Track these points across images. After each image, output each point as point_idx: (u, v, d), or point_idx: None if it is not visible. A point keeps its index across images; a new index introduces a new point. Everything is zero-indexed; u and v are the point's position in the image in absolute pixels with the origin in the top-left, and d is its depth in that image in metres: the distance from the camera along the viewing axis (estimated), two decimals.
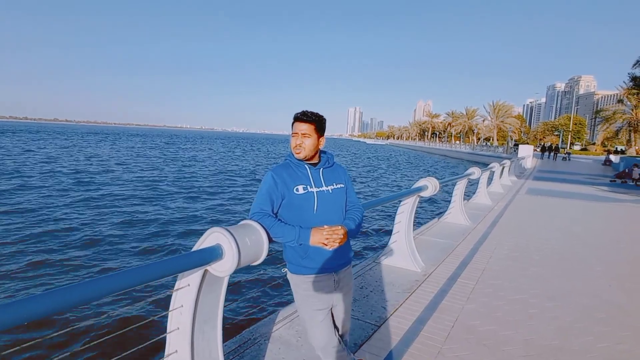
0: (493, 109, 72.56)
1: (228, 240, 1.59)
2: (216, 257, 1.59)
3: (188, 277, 1.69)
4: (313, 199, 1.89)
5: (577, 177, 19.02)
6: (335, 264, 1.95)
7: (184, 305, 1.72)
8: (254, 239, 1.69)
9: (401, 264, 4.47)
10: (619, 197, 12.33)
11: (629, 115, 44.29)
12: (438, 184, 4.58)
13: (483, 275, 4.38)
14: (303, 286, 1.92)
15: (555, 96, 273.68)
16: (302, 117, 1.92)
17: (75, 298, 1.24)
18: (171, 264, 1.49)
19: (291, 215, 1.89)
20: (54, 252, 7.60)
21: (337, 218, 1.95)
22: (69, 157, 30.39)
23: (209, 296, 1.77)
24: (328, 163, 2.03)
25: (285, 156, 2.01)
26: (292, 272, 1.94)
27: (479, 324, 3.20)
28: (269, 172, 1.91)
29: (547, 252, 5.50)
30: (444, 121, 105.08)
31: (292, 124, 1.94)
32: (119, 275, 1.39)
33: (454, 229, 6.67)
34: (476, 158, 45.95)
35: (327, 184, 1.97)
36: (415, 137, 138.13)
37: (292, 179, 1.89)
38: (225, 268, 1.61)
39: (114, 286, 1.37)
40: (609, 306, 3.69)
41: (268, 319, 2.97)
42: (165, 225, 10.33)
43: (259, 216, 1.85)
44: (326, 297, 1.94)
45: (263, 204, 1.87)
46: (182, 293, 1.73)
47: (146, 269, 1.43)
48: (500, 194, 11.43)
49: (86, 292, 1.29)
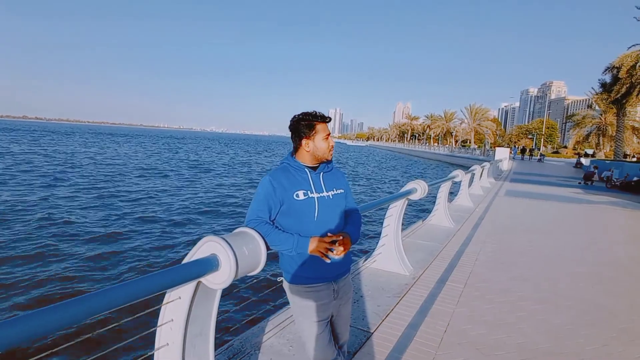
0: (470, 112, 74.21)
1: (225, 250, 1.48)
2: (211, 268, 1.48)
3: (179, 289, 1.56)
4: (314, 205, 1.79)
5: (551, 179, 19.61)
6: (334, 272, 1.86)
7: (174, 320, 1.60)
8: (251, 248, 1.58)
9: (390, 267, 4.43)
10: (592, 198, 12.75)
11: (598, 119, 46.10)
12: (427, 187, 4.57)
13: (470, 278, 4.38)
14: (301, 296, 1.82)
15: (529, 100, 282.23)
16: (327, 118, 1.85)
17: (52, 323, 1.10)
18: (162, 278, 1.35)
19: (290, 222, 1.79)
20: (28, 269, 6.95)
21: (337, 225, 1.87)
22: (40, 158, 29.04)
23: (202, 309, 1.66)
24: (327, 167, 1.92)
25: (283, 159, 1.90)
26: (289, 282, 1.84)
27: (470, 328, 3.17)
28: (266, 177, 1.79)
29: (530, 253, 5.58)
30: (423, 123, 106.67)
31: (312, 126, 1.81)
32: (103, 293, 1.26)
33: (439, 231, 6.69)
34: (455, 160, 46.77)
35: (328, 189, 1.87)
36: (395, 138, 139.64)
37: (291, 183, 1.78)
38: (221, 280, 1.50)
39: (97, 306, 1.23)
40: (595, 308, 3.75)
41: (258, 328, 2.85)
42: (151, 234, 9.71)
43: (255, 223, 1.75)
44: (325, 308, 1.85)
45: (260, 211, 1.76)
46: (172, 307, 1.60)
47: (133, 286, 1.29)
48: (480, 195, 11.62)
49: (66, 315, 1.15)
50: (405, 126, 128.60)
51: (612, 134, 42.05)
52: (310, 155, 1.84)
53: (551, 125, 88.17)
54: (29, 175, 18.56)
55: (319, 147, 1.82)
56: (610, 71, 29.90)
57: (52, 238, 8.89)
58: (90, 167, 23.99)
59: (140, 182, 19.15)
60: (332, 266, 1.83)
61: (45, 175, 18.79)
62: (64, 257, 7.72)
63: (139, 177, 20.82)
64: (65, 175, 19.29)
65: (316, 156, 1.84)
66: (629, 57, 25.85)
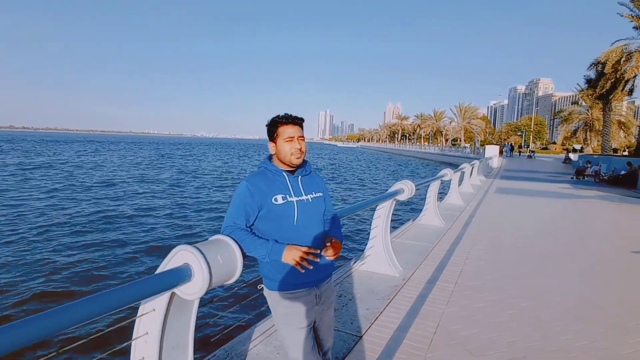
0: (460, 110, 74.81)
1: (197, 259, 1.42)
2: (184, 278, 1.42)
3: (152, 301, 1.51)
4: (293, 209, 1.74)
5: (541, 175, 19.80)
6: (316, 277, 1.82)
7: (149, 333, 1.54)
8: (226, 256, 1.53)
9: (380, 269, 4.39)
10: (580, 193, 12.88)
11: (584, 115, 46.75)
12: (414, 187, 4.54)
13: (461, 277, 4.36)
14: (282, 303, 1.77)
15: (517, 98, 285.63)
16: (295, 119, 1.78)
17: (15, 340, 1.03)
18: (131, 291, 1.29)
19: (269, 227, 1.74)
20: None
21: (317, 229, 1.82)
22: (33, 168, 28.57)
23: (178, 320, 1.60)
24: (306, 170, 1.88)
25: (260, 163, 1.86)
26: (270, 289, 1.79)
27: (460, 328, 3.15)
28: (243, 182, 1.75)
29: (520, 250, 5.59)
30: (413, 123, 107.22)
31: (275, 128, 1.77)
32: (69, 308, 1.19)
33: (429, 230, 6.68)
34: (446, 159, 47.09)
35: (307, 192, 1.82)
36: (385, 139, 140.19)
37: (269, 187, 1.73)
38: (194, 290, 1.44)
39: (64, 322, 1.17)
40: (584, 303, 3.75)
41: (243, 336, 2.79)
42: (126, 244, 9.23)
43: (230, 230, 1.70)
44: (308, 314, 1.80)
45: (236, 217, 1.71)
46: (146, 319, 1.54)
47: (100, 299, 1.23)
48: (470, 193, 11.66)
49: (31, 331, 1.08)
50: (396, 126, 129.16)
51: (599, 129, 42.69)
52: (276, 159, 1.81)
53: (539, 121, 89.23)
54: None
55: (281, 150, 1.77)
56: (595, 67, 30.34)
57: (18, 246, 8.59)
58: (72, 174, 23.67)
59: (141, 189, 18.94)
60: (313, 271, 1.79)
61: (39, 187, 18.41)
62: (31, 267, 7.35)
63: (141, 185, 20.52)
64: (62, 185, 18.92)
65: (281, 160, 1.79)
66: (613, 53, 26.23)
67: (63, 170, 27.32)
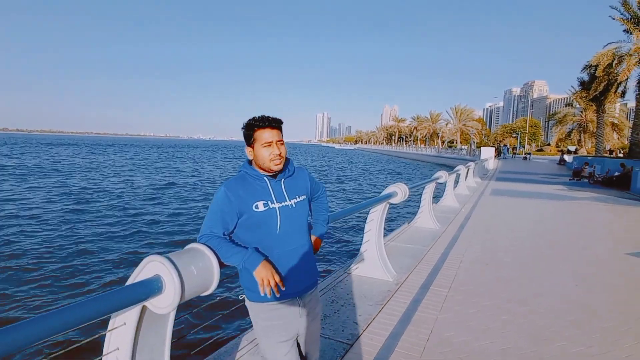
0: (455, 112, 75.11)
1: (168, 270, 1.33)
2: (155, 291, 1.33)
3: (123, 314, 1.42)
4: (275, 217, 1.64)
5: (536, 177, 19.82)
6: (300, 287, 1.72)
7: (120, 348, 1.44)
8: (201, 267, 1.44)
9: (373, 273, 4.31)
10: (576, 195, 12.87)
11: (578, 117, 47.02)
12: (407, 190, 4.47)
13: (455, 282, 4.29)
14: (263, 315, 1.68)
15: (512, 100, 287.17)
16: (273, 122, 1.65)
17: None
18: (97, 305, 1.20)
19: (250, 235, 1.65)
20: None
21: (301, 237, 1.74)
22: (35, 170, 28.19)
23: (152, 335, 1.50)
24: (288, 172, 1.75)
25: (240, 168, 1.76)
26: (251, 300, 1.70)
27: (454, 335, 3.07)
28: (222, 188, 1.64)
29: (515, 254, 5.52)
30: (410, 125, 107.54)
31: (252, 133, 1.65)
32: (30, 323, 1.11)
33: (423, 233, 6.61)
34: (442, 161, 47.17)
35: (291, 197, 1.71)
36: (382, 141, 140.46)
37: (249, 194, 1.63)
38: (166, 304, 1.35)
39: (22, 339, 1.08)
40: (578, 307, 3.68)
41: (230, 346, 2.69)
42: (99, 252, 8.56)
43: (207, 238, 1.61)
44: (290, 327, 1.70)
45: (213, 225, 1.62)
46: (117, 334, 1.45)
47: (63, 313, 1.15)
48: (466, 195, 11.62)
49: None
50: (393, 128, 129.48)
51: (593, 131, 42.95)
52: (255, 165, 1.70)
53: (534, 123, 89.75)
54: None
55: (259, 156, 1.65)
56: (588, 69, 30.51)
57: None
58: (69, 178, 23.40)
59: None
60: (297, 280, 1.71)
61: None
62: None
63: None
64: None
65: (259, 165, 1.68)
66: (604, 56, 26.38)
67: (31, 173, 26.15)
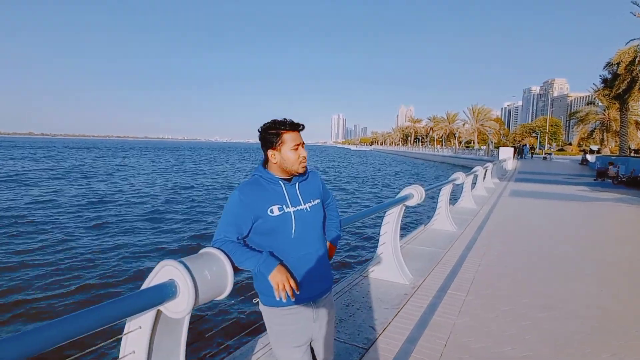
0: (473, 112, 73.91)
1: (182, 274, 1.33)
2: (169, 295, 1.33)
3: (138, 318, 1.43)
4: (290, 221, 1.63)
5: (557, 178, 19.30)
6: (314, 292, 1.71)
7: (136, 352, 1.46)
8: (215, 271, 1.43)
9: (389, 276, 4.26)
10: (599, 195, 12.47)
11: (601, 115, 45.63)
12: (424, 192, 4.41)
13: (473, 285, 4.20)
14: (276, 320, 1.67)
15: (531, 99, 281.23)
16: (299, 125, 1.66)
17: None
18: (109, 310, 1.20)
19: (264, 240, 1.64)
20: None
21: (317, 241, 1.73)
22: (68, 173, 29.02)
23: (167, 339, 1.51)
24: (303, 176, 1.75)
25: (253, 171, 1.76)
26: (265, 304, 1.69)
27: (472, 340, 3.00)
28: (236, 192, 1.63)
29: (535, 257, 5.38)
30: (426, 126, 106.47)
31: (279, 135, 1.63)
32: (47, 327, 1.12)
33: (441, 235, 6.51)
34: (459, 161, 46.49)
35: (305, 201, 1.71)
36: (398, 142, 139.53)
37: (264, 198, 1.62)
38: (180, 308, 1.35)
39: (42, 342, 1.10)
40: (602, 313, 3.55)
41: (245, 349, 2.70)
42: (117, 256, 8.71)
43: (221, 243, 1.60)
44: (304, 332, 1.69)
45: (227, 230, 1.61)
46: (133, 337, 1.46)
47: (78, 318, 1.16)
48: (484, 197, 11.41)
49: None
50: (409, 129, 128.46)
51: (616, 130, 41.57)
52: (278, 168, 1.68)
53: (555, 122, 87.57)
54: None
55: (286, 159, 1.64)
56: (610, 67, 29.59)
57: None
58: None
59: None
60: (312, 285, 1.69)
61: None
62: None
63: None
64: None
65: (284, 169, 1.67)
66: (626, 53, 25.57)
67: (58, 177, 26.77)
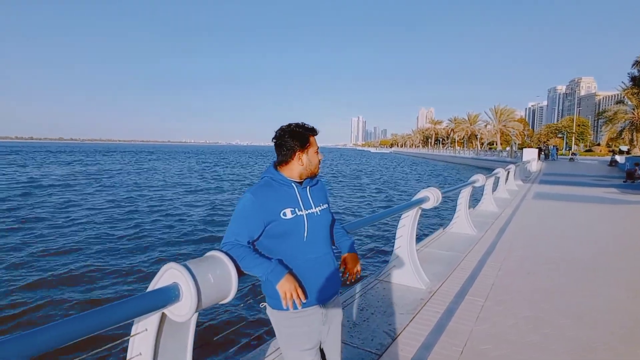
0: (495, 113, 72.29)
1: (185, 278, 1.33)
2: (172, 299, 1.33)
3: (144, 320, 1.43)
4: (303, 224, 1.63)
5: (584, 179, 18.61)
6: (324, 295, 1.70)
7: (142, 354, 1.46)
8: (218, 275, 1.43)
9: (404, 281, 4.18)
10: (629, 198, 11.94)
11: (630, 115, 43.83)
12: (440, 195, 4.32)
13: (493, 291, 4.07)
14: (286, 323, 1.66)
15: (557, 98, 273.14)
16: (317, 131, 1.74)
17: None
18: (113, 312, 1.22)
19: (276, 243, 1.63)
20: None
21: (325, 245, 1.73)
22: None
23: (172, 341, 1.51)
24: (313, 180, 1.78)
25: (263, 173, 1.75)
26: (273, 308, 1.68)
27: (490, 348, 2.90)
28: (247, 194, 1.63)
29: (559, 261, 5.18)
30: (447, 127, 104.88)
31: (308, 138, 1.70)
32: (53, 327, 1.14)
33: (460, 239, 6.36)
34: (481, 163, 45.54)
35: (316, 204, 1.72)
36: (418, 144, 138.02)
37: (277, 200, 1.62)
38: (183, 312, 1.35)
39: (46, 342, 1.11)
40: (631, 322, 3.37)
41: (256, 352, 2.69)
42: (131, 256, 8.90)
43: (230, 246, 1.59)
44: (314, 335, 1.68)
45: (238, 233, 1.60)
46: (139, 339, 1.47)
47: (86, 318, 1.17)
48: (506, 199, 11.11)
49: (8, 352, 1.03)
50: (429, 131, 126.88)
51: None
52: (303, 169, 1.71)
53: (582, 122, 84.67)
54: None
55: (312, 162, 1.72)
56: (639, 65, 28.42)
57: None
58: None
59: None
60: (322, 288, 1.68)
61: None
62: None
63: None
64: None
65: (309, 170, 1.71)
66: None
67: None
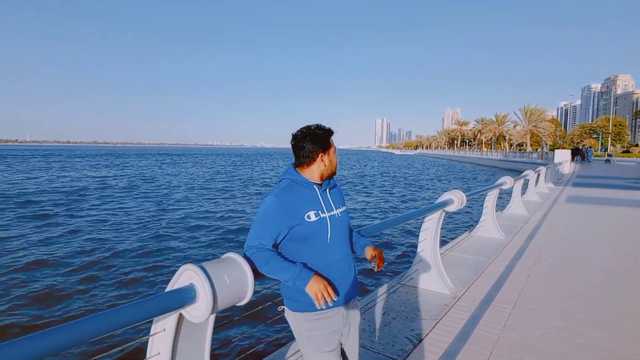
0: (525, 113, 69.92)
1: (201, 279, 1.33)
2: (189, 300, 1.34)
3: (162, 320, 1.45)
4: (326, 226, 1.63)
5: (621, 182, 17.73)
6: (345, 296, 1.68)
7: (161, 353, 1.48)
8: (234, 277, 1.43)
9: (428, 285, 4.09)
10: None
11: None
12: (465, 198, 4.20)
13: (521, 298, 3.92)
14: (307, 326, 1.64)
15: (591, 97, 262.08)
16: (332, 131, 1.74)
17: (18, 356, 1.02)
18: (131, 311, 1.24)
19: (300, 246, 1.62)
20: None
21: (347, 246, 1.74)
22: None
23: (190, 342, 1.53)
24: (331, 182, 1.77)
25: (283, 175, 1.73)
26: (293, 310, 1.66)
27: (517, 357, 2.79)
28: (270, 197, 1.61)
29: (593, 269, 4.93)
30: (474, 128, 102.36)
31: (327, 141, 1.71)
32: (73, 325, 1.17)
33: (486, 243, 6.18)
34: (509, 165, 44.22)
35: (337, 206, 1.73)
36: (444, 146, 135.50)
37: (300, 203, 1.61)
38: (200, 313, 1.36)
39: (66, 340, 1.14)
40: None
41: (275, 355, 2.69)
42: (155, 257, 9.02)
43: (254, 250, 1.59)
44: (334, 336, 1.67)
45: (262, 237, 1.60)
46: (158, 339, 1.49)
47: (101, 318, 1.20)
48: (536, 202, 10.72)
49: (34, 348, 1.07)
50: (455, 132, 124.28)
51: None
52: (325, 171, 1.71)
53: (619, 122, 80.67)
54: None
55: (333, 162, 1.74)
56: None
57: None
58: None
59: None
60: (343, 289, 1.68)
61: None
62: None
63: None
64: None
65: (330, 170, 1.72)
66: None
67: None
